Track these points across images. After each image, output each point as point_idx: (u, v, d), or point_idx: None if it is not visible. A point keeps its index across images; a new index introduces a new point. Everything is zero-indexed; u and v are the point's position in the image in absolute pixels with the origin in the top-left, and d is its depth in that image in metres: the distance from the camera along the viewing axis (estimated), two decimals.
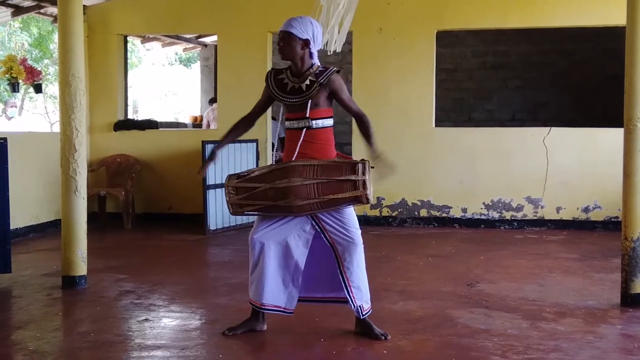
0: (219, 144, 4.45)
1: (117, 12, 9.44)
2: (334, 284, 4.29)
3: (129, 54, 10.80)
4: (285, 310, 4.33)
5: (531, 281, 5.92)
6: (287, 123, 4.28)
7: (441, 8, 8.92)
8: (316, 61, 4.25)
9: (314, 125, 4.18)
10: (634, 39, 4.98)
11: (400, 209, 9.07)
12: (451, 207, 8.97)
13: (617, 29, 7.94)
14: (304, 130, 4.18)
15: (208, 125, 12.03)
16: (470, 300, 5.27)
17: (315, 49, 4.23)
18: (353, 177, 4.02)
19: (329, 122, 4.25)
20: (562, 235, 8.37)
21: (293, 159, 4.18)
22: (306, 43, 4.17)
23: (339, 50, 6.07)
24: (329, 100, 4.25)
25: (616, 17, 7.58)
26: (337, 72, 4.25)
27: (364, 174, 4.01)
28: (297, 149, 4.18)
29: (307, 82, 4.18)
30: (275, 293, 4.28)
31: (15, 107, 12.27)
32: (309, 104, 4.16)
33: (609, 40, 11.33)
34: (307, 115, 4.17)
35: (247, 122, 4.48)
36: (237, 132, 4.48)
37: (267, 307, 4.30)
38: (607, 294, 5.38)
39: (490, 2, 8.82)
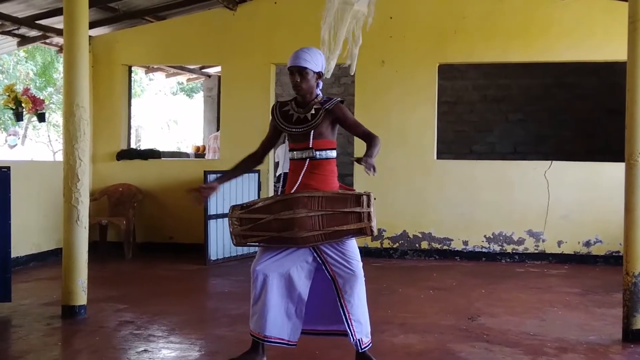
0: (223, 176, 4.42)
1: (122, 43, 9.54)
2: (335, 316, 4.25)
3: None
4: (289, 343, 4.29)
5: (532, 315, 5.89)
6: (290, 154, 4.29)
7: (443, 42, 9.00)
8: (319, 92, 4.29)
9: (318, 156, 4.19)
10: (635, 75, 5.02)
11: (401, 241, 9.06)
12: (452, 240, 8.96)
13: (618, 63, 8.00)
14: (308, 160, 4.19)
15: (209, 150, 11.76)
16: (471, 334, 5.24)
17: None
18: (358, 209, 4.01)
19: (333, 153, 4.26)
20: (564, 269, 8.35)
21: (295, 189, 4.18)
22: (320, 75, 4.22)
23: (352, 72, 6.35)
24: (333, 130, 4.26)
25: (617, 52, 7.65)
26: (342, 102, 4.28)
27: (369, 205, 4.00)
28: (300, 180, 4.18)
29: (312, 111, 4.21)
30: (279, 325, 4.24)
31: (16, 135, 12.29)
32: (312, 134, 4.18)
33: (610, 75, 11.40)
34: (311, 146, 4.18)
35: (255, 159, 4.45)
36: (243, 167, 4.48)
37: (270, 339, 4.25)
38: (609, 329, 5.36)
39: (492, 36, 8.90)
